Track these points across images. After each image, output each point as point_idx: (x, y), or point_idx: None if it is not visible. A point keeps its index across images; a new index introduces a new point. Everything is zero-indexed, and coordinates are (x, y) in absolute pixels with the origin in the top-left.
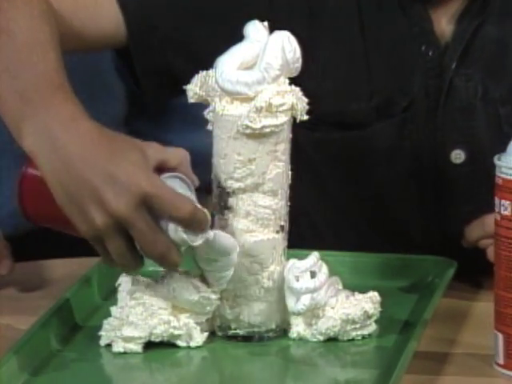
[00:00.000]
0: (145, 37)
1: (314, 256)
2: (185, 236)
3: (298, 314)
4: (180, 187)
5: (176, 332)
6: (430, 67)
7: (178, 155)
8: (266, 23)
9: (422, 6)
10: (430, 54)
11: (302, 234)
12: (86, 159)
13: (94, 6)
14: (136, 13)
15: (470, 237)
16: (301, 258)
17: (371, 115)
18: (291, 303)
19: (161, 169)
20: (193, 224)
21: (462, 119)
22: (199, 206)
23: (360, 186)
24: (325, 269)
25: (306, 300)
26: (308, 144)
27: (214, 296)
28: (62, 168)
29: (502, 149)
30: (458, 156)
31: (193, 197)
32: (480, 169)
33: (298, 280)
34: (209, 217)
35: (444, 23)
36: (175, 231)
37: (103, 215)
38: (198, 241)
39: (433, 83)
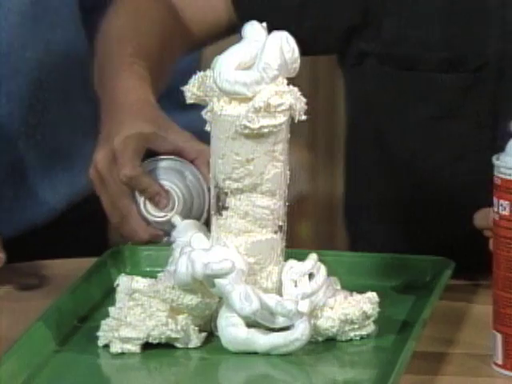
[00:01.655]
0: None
1: (312, 259)
2: (143, 210)
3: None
4: (163, 170)
5: (173, 335)
6: (508, 31)
7: (195, 150)
8: (264, 24)
9: None
10: (510, 17)
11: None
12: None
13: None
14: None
15: (476, 224)
16: (299, 258)
17: (442, 66)
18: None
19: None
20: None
21: None
22: (162, 188)
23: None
24: (323, 270)
25: (304, 306)
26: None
27: (213, 301)
28: None
29: None
30: None
31: (167, 182)
32: None
33: (295, 285)
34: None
35: None
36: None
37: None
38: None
39: (510, 48)
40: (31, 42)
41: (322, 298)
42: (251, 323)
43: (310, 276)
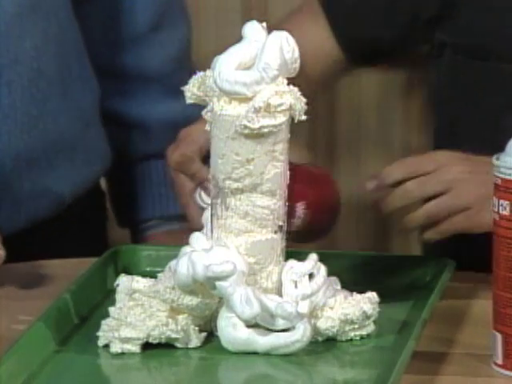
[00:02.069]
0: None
1: (312, 259)
2: (198, 198)
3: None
4: None
5: (173, 335)
6: None
7: None
8: (264, 24)
9: None
10: None
11: None
12: None
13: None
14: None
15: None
16: (299, 258)
17: None
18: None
19: None
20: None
21: None
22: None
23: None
24: (323, 271)
25: (303, 307)
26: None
27: (213, 301)
28: None
29: None
30: None
31: None
32: None
33: (296, 286)
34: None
35: None
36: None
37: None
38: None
39: None
40: (29, 31)
41: (321, 299)
42: (251, 324)
43: (310, 276)
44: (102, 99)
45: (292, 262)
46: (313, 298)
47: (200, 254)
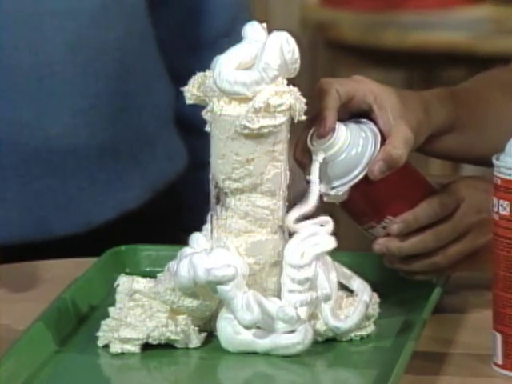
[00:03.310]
0: None
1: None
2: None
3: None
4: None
5: (173, 337)
6: None
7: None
8: (264, 24)
9: None
10: None
11: None
12: None
13: None
14: None
15: None
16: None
17: None
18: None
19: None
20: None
21: None
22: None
23: None
24: (322, 276)
25: (302, 313)
26: None
27: (213, 302)
28: None
29: None
30: None
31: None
32: None
33: (294, 290)
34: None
35: None
36: None
37: None
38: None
39: None
40: (114, 24)
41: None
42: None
43: (309, 280)
44: None
45: (292, 263)
46: (313, 304)
47: (201, 257)
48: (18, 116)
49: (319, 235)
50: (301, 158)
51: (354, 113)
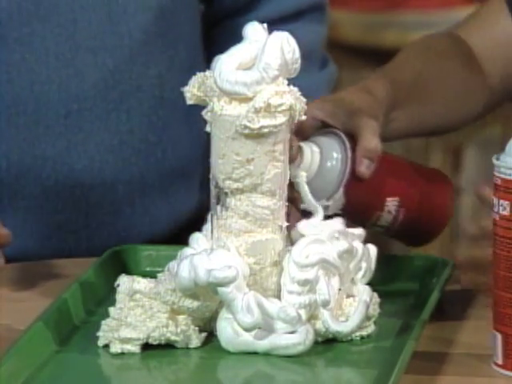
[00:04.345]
0: None
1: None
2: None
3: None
4: (322, 136)
5: (173, 337)
6: None
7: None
8: (265, 24)
9: None
10: None
11: None
12: None
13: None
14: None
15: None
16: None
17: None
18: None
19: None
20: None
21: None
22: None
23: None
24: (322, 279)
25: (302, 315)
26: None
27: (214, 303)
28: None
29: None
30: None
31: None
32: None
33: (294, 291)
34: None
35: None
36: None
37: None
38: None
39: None
40: (155, 59)
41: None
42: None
43: (309, 281)
44: None
45: (292, 264)
46: (311, 307)
47: (201, 258)
48: (42, 149)
49: (328, 243)
50: (290, 194)
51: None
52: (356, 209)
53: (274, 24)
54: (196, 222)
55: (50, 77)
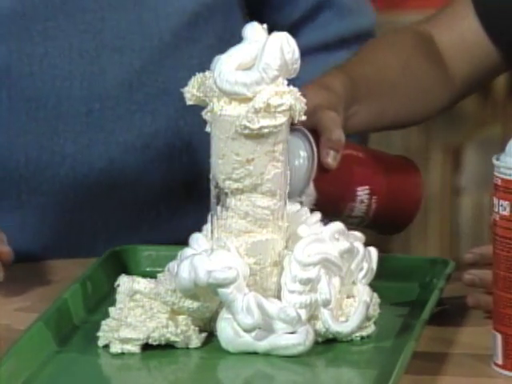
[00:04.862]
0: None
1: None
2: None
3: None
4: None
5: (173, 338)
6: None
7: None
8: (265, 25)
9: None
10: None
11: None
12: None
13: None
14: None
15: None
16: None
17: None
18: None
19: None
20: None
21: None
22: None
23: None
24: (323, 280)
25: (302, 315)
26: None
27: (214, 304)
28: None
29: None
30: None
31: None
32: None
33: (294, 291)
34: None
35: None
36: None
37: None
38: None
39: None
40: (184, 63)
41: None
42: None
43: (310, 281)
44: None
45: (292, 265)
46: (312, 307)
47: (202, 259)
48: (61, 146)
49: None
50: None
51: None
52: (329, 202)
53: (316, 51)
54: None
55: (72, 73)
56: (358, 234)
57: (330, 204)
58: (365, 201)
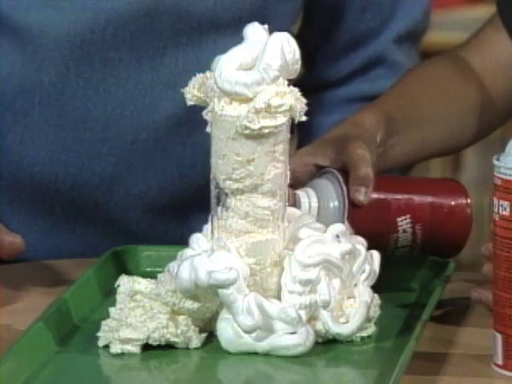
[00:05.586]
0: None
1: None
2: None
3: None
4: (318, 180)
5: (173, 339)
6: None
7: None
8: (266, 26)
9: None
10: None
11: None
12: None
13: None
14: None
15: None
16: None
17: None
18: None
19: None
20: None
21: None
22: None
23: None
24: (323, 282)
25: (302, 316)
26: None
27: (214, 304)
28: None
29: None
30: None
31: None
32: None
33: (294, 291)
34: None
35: None
36: None
37: None
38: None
39: None
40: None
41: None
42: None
43: (311, 282)
44: None
45: (293, 266)
46: (312, 308)
47: (202, 260)
48: (102, 168)
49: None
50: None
51: None
52: (370, 236)
53: (364, 100)
54: None
55: (124, 102)
56: (360, 238)
57: (373, 238)
58: (408, 230)
